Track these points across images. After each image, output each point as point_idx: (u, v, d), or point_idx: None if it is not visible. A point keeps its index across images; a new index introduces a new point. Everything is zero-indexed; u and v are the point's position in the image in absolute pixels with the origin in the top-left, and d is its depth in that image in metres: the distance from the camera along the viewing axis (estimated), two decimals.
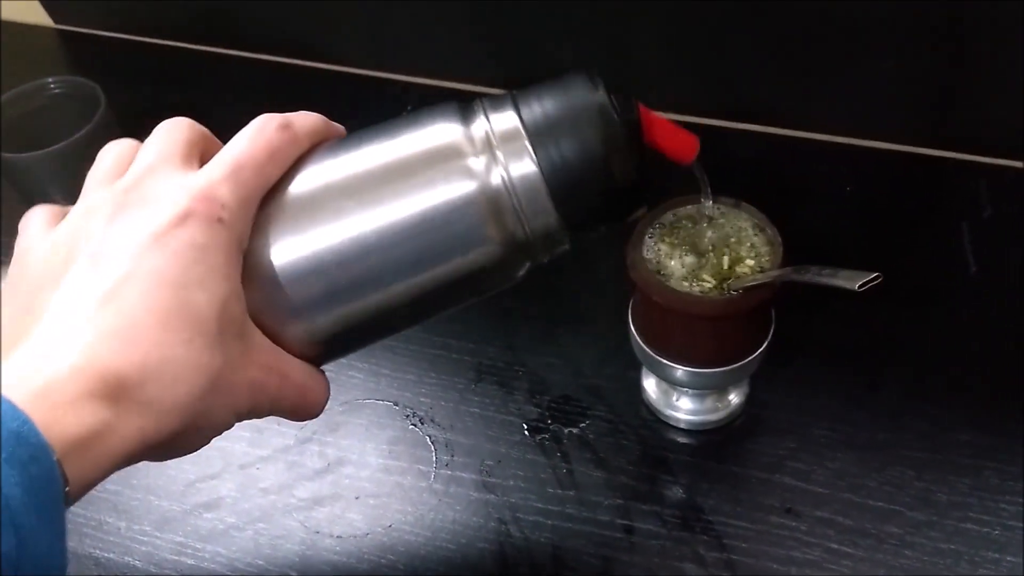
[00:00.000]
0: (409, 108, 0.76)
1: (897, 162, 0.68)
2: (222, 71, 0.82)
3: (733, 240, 0.48)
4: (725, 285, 0.46)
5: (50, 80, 0.66)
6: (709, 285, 0.46)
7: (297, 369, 0.34)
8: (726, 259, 0.47)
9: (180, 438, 0.30)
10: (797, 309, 0.51)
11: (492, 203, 0.32)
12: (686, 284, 0.46)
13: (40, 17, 0.88)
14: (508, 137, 0.33)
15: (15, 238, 0.34)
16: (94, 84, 0.65)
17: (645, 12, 0.67)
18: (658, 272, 0.47)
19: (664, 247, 0.48)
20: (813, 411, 0.54)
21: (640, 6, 0.67)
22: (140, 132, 0.35)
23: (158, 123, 0.35)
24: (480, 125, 0.33)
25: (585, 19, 0.69)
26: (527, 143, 0.33)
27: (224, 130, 0.35)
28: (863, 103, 0.66)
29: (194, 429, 0.31)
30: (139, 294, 0.29)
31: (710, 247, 0.48)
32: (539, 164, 0.32)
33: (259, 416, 0.33)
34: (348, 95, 0.78)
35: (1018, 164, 0.65)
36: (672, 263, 0.47)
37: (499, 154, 0.33)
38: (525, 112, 0.33)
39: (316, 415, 0.36)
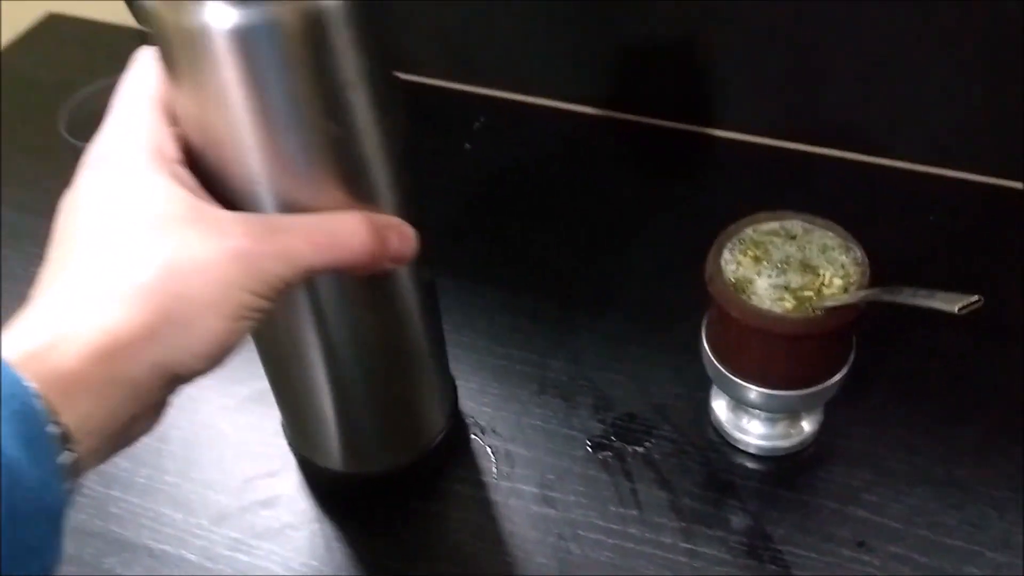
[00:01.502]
0: (481, 119, 0.76)
1: (983, 193, 0.66)
2: None
3: (818, 259, 0.46)
4: (808, 304, 0.45)
5: None
6: (790, 304, 0.45)
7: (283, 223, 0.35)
8: (810, 277, 0.45)
9: (163, 331, 0.31)
10: (876, 336, 0.49)
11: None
12: (766, 301, 0.45)
13: (126, 17, 0.90)
14: None
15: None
16: None
17: (731, 35, 0.66)
18: (736, 287, 0.46)
19: (745, 261, 0.47)
20: (890, 443, 0.52)
21: (726, 29, 0.66)
22: None
23: None
24: None
25: (673, 40, 0.68)
26: None
27: None
28: (949, 133, 0.64)
29: (172, 320, 0.31)
30: None
31: (793, 264, 0.46)
32: None
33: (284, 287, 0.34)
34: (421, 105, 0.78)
35: None
36: (752, 278, 0.46)
37: None
38: None
39: (363, 256, 0.36)
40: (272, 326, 0.45)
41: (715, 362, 0.49)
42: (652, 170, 0.72)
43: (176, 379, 0.32)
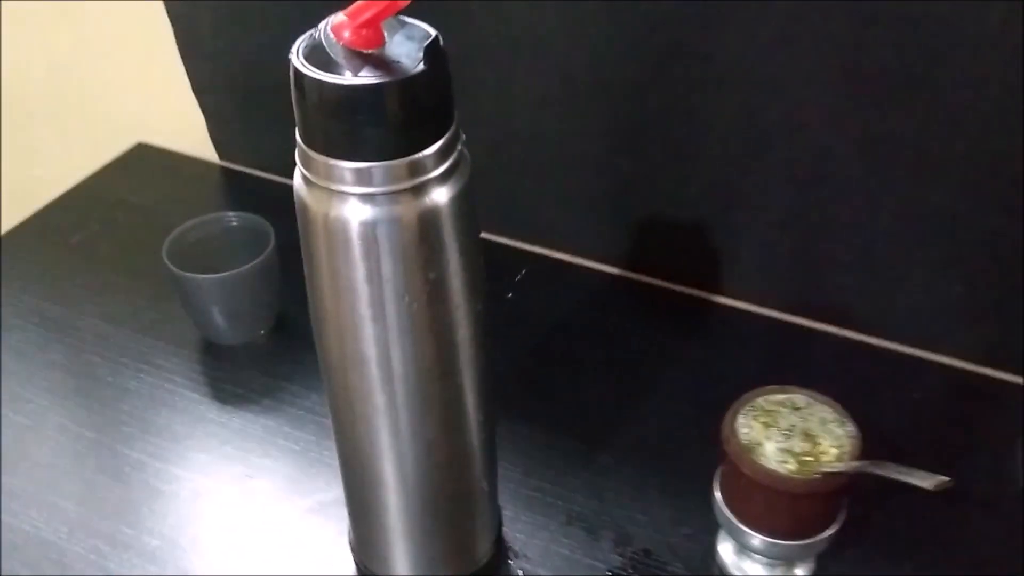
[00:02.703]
0: (523, 272, 0.86)
1: (962, 377, 0.75)
2: None
3: (818, 429, 0.55)
4: (808, 468, 0.53)
5: (230, 214, 0.77)
6: (793, 466, 0.53)
7: None
8: (811, 445, 0.54)
9: None
10: (865, 499, 0.57)
11: None
12: (772, 462, 0.54)
13: (208, 153, 1.01)
14: None
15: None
16: (265, 222, 0.76)
17: (748, 217, 0.77)
18: (748, 448, 0.54)
19: (756, 426, 0.55)
20: None
21: (744, 211, 0.77)
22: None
23: None
24: None
25: (697, 217, 0.79)
26: None
27: None
28: (934, 320, 0.74)
29: None
30: None
31: (797, 432, 0.55)
32: None
33: None
34: None
35: None
36: (761, 441, 0.55)
37: None
38: None
39: None
40: (354, 444, 0.53)
41: (725, 510, 0.57)
42: (671, 329, 0.81)
43: None
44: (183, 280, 0.73)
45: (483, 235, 0.91)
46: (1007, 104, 0.62)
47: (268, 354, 0.78)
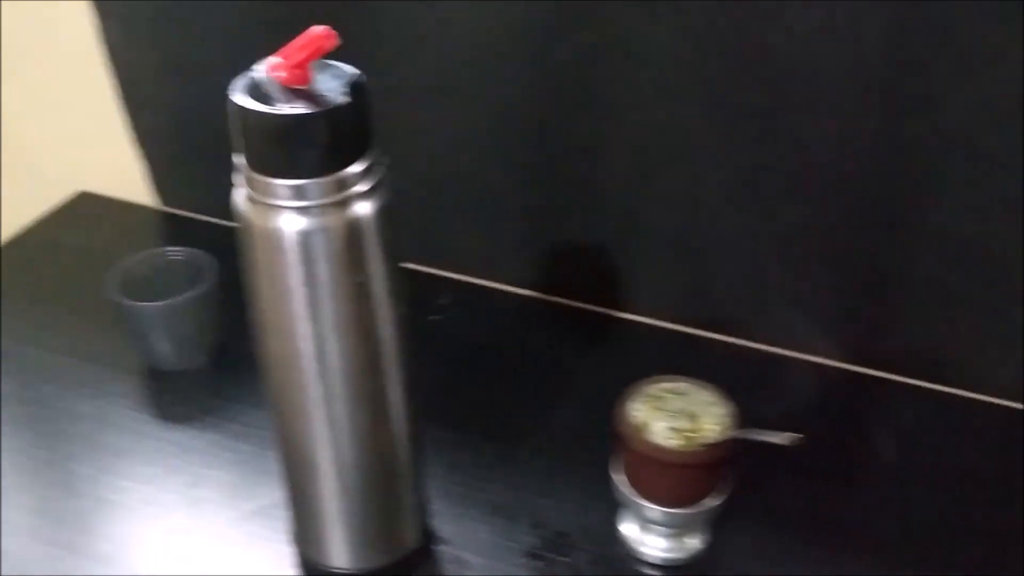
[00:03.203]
0: (445, 297, 0.94)
1: (831, 375, 0.85)
2: None
3: (700, 410, 0.63)
4: (692, 442, 0.61)
5: (174, 248, 0.84)
6: (679, 441, 0.62)
7: None
8: (694, 423, 0.62)
9: None
10: (753, 477, 0.66)
11: None
12: (661, 439, 0.62)
13: (149, 199, 1.08)
14: None
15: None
16: (208, 255, 0.82)
17: (643, 241, 0.86)
18: (639, 429, 0.63)
19: (646, 409, 0.64)
20: (757, 555, 0.68)
21: (640, 236, 0.86)
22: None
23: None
24: None
25: (600, 244, 0.88)
26: None
27: None
28: (805, 324, 0.84)
29: None
30: None
31: (682, 413, 0.63)
32: None
33: None
34: None
35: (926, 384, 0.82)
36: (650, 422, 0.63)
37: None
38: None
39: None
40: (293, 436, 0.60)
41: (623, 487, 0.65)
42: (578, 342, 0.90)
43: None
44: (129, 308, 0.79)
45: (409, 265, 0.99)
46: (851, 131, 0.73)
47: (210, 378, 0.84)
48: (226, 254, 0.83)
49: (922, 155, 0.72)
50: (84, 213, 1.09)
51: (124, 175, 1.06)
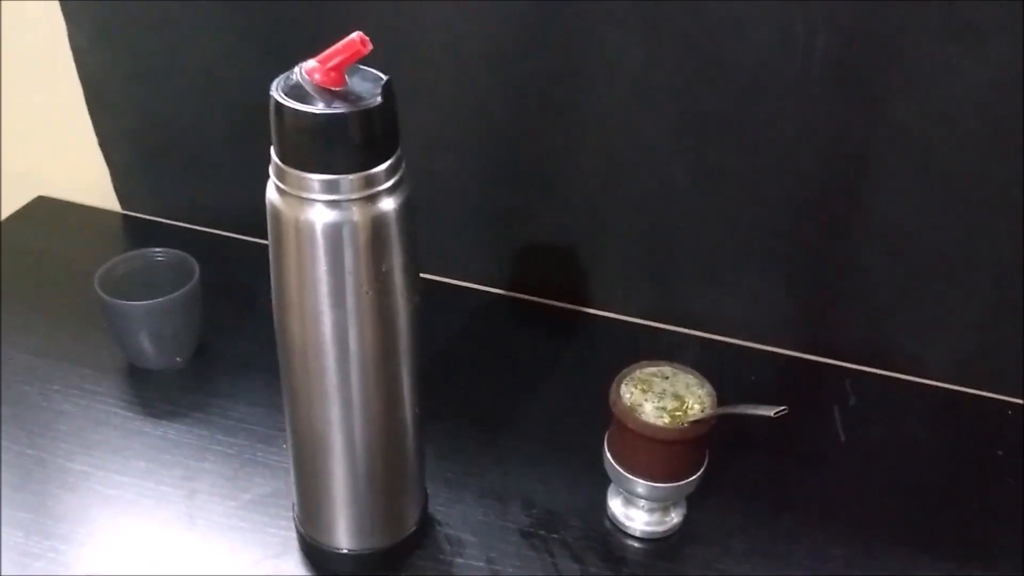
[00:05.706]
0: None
1: (787, 363, 0.92)
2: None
3: (684, 391, 0.69)
4: (678, 420, 0.67)
5: (156, 249, 0.85)
6: (666, 420, 0.67)
7: None
8: (679, 403, 0.68)
9: None
10: (723, 458, 0.72)
11: None
12: (651, 418, 0.67)
13: (108, 203, 1.08)
14: None
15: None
16: (190, 256, 0.84)
17: (609, 239, 0.92)
18: (631, 408, 0.67)
19: (636, 391, 0.69)
20: (732, 529, 0.74)
21: (607, 233, 0.91)
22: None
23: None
24: None
25: (562, 241, 0.93)
26: None
27: None
28: (763, 317, 0.91)
29: None
30: None
31: (668, 394, 0.68)
32: None
33: None
34: None
35: (872, 370, 0.90)
36: (641, 403, 0.68)
37: None
38: None
39: None
40: (309, 419, 0.62)
41: (614, 464, 0.70)
42: (551, 336, 0.94)
43: None
44: (114, 307, 0.80)
45: None
46: (804, 135, 0.80)
47: (193, 375, 0.85)
48: (195, 257, 0.85)
49: (868, 157, 0.79)
50: (43, 217, 1.08)
51: (83, 179, 1.06)
